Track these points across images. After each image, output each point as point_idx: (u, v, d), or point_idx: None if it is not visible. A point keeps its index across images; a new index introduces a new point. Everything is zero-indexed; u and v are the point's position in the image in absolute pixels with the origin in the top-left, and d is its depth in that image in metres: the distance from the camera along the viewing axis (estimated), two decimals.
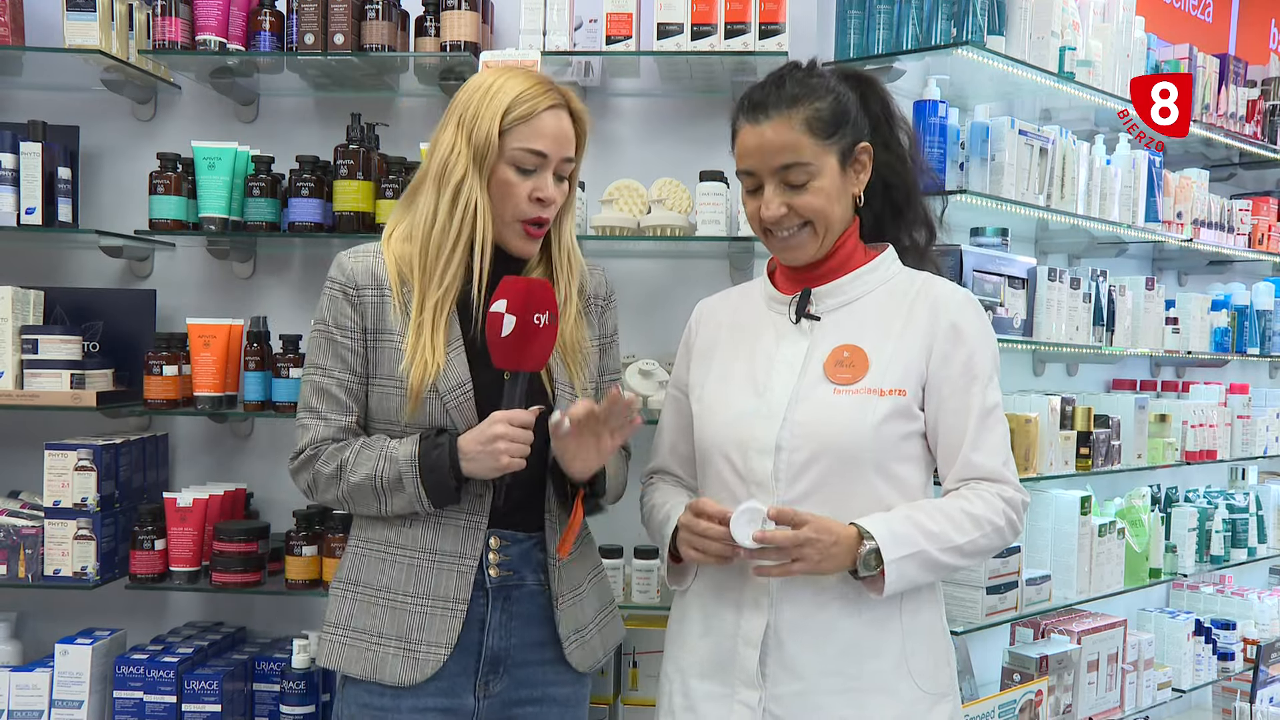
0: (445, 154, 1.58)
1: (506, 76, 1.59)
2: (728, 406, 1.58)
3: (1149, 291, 3.04)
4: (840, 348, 1.54)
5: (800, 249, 1.55)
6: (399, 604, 1.58)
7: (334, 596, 1.65)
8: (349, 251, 1.63)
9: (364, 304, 1.59)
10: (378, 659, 1.57)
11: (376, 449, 1.56)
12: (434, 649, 1.56)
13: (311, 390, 1.60)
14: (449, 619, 1.57)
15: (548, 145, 1.58)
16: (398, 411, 1.57)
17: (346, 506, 1.61)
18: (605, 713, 2.35)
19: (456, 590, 1.58)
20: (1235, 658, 3.29)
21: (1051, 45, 2.55)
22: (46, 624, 2.60)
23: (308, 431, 1.60)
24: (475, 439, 1.52)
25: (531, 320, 1.51)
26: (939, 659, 1.57)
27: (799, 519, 1.42)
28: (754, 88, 1.56)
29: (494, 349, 1.53)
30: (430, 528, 1.59)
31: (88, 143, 2.63)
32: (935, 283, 1.58)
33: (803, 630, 1.50)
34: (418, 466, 1.53)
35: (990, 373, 1.55)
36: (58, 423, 2.46)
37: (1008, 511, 1.52)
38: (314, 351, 1.61)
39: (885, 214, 1.65)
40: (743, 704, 1.53)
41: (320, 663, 1.64)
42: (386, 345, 1.58)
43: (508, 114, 1.55)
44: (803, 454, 1.50)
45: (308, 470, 1.60)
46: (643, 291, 2.61)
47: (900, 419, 1.51)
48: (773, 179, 1.52)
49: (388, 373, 1.58)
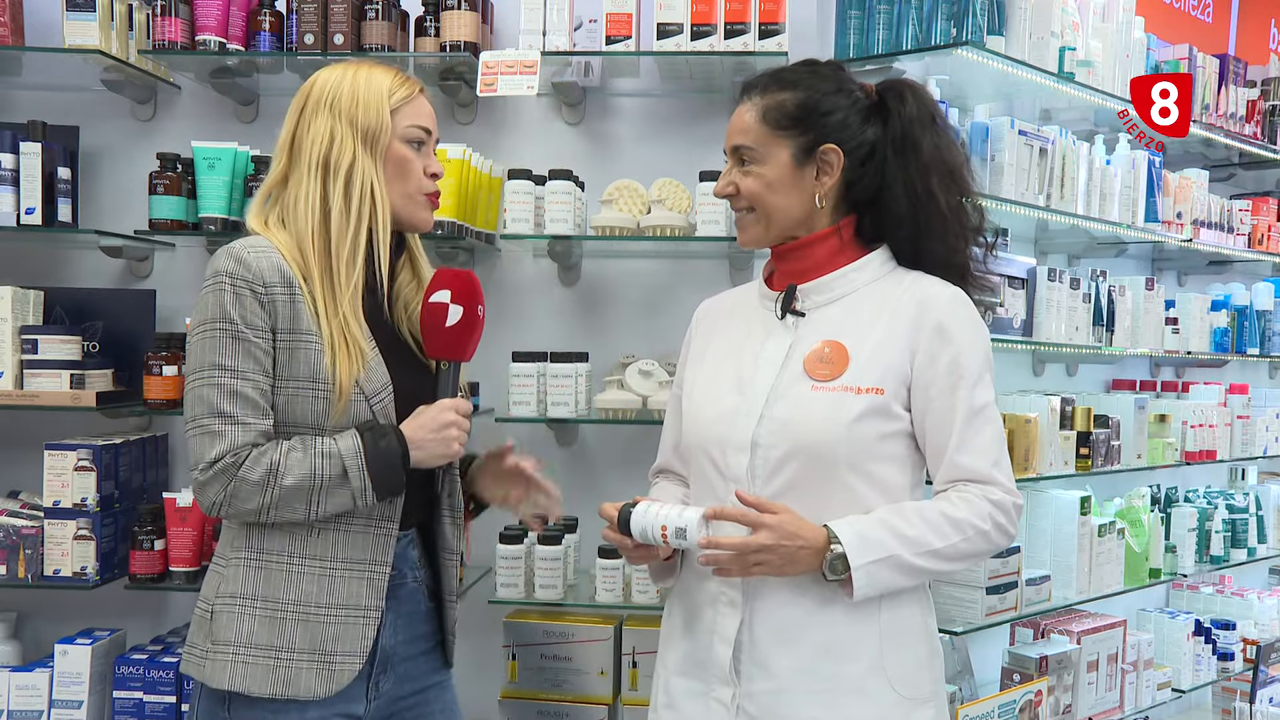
0: (324, 144, 1.54)
1: (366, 66, 1.60)
2: (712, 404, 1.58)
3: (1149, 292, 3.04)
4: (823, 344, 1.53)
5: (744, 230, 1.60)
6: (311, 616, 1.51)
7: (224, 613, 1.51)
8: (240, 245, 1.50)
9: (274, 303, 1.48)
10: (289, 674, 1.49)
11: (306, 448, 1.47)
12: (349, 659, 1.52)
13: (220, 393, 1.45)
14: (363, 627, 1.53)
15: (431, 123, 1.63)
16: (320, 414, 1.50)
17: (264, 515, 1.48)
18: (605, 713, 2.35)
19: (369, 598, 1.53)
20: (1235, 658, 3.29)
21: (1051, 45, 2.55)
22: (46, 624, 2.60)
23: (222, 438, 1.45)
24: (425, 427, 1.52)
25: (476, 310, 1.56)
26: (920, 663, 1.54)
27: (749, 519, 1.41)
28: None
29: (434, 338, 1.55)
30: (340, 535, 1.53)
31: (88, 143, 2.63)
32: (925, 281, 1.56)
33: (777, 628, 1.49)
34: (363, 458, 1.47)
35: (979, 372, 1.52)
36: (58, 423, 2.46)
37: (994, 514, 1.49)
38: (216, 352, 1.46)
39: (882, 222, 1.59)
40: (718, 701, 1.52)
41: (215, 684, 1.49)
42: (302, 346, 1.49)
43: (392, 95, 1.57)
44: (778, 451, 1.49)
45: (224, 479, 1.45)
46: (643, 291, 2.61)
47: (877, 418, 1.49)
48: (732, 157, 1.59)
49: (305, 374, 1.49)
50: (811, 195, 1.55)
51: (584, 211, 2.47)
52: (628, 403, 2.37)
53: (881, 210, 1.57)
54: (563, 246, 2.48)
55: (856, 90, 1.57)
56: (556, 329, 2.61)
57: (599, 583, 2.34)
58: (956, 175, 1.57)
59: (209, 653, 1.51)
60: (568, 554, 2.40)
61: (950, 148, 1.58)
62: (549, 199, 2.37)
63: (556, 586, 2.33)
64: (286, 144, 1.59)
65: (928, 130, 1.55)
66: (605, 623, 2.40)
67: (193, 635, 1.55)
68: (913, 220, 1.55)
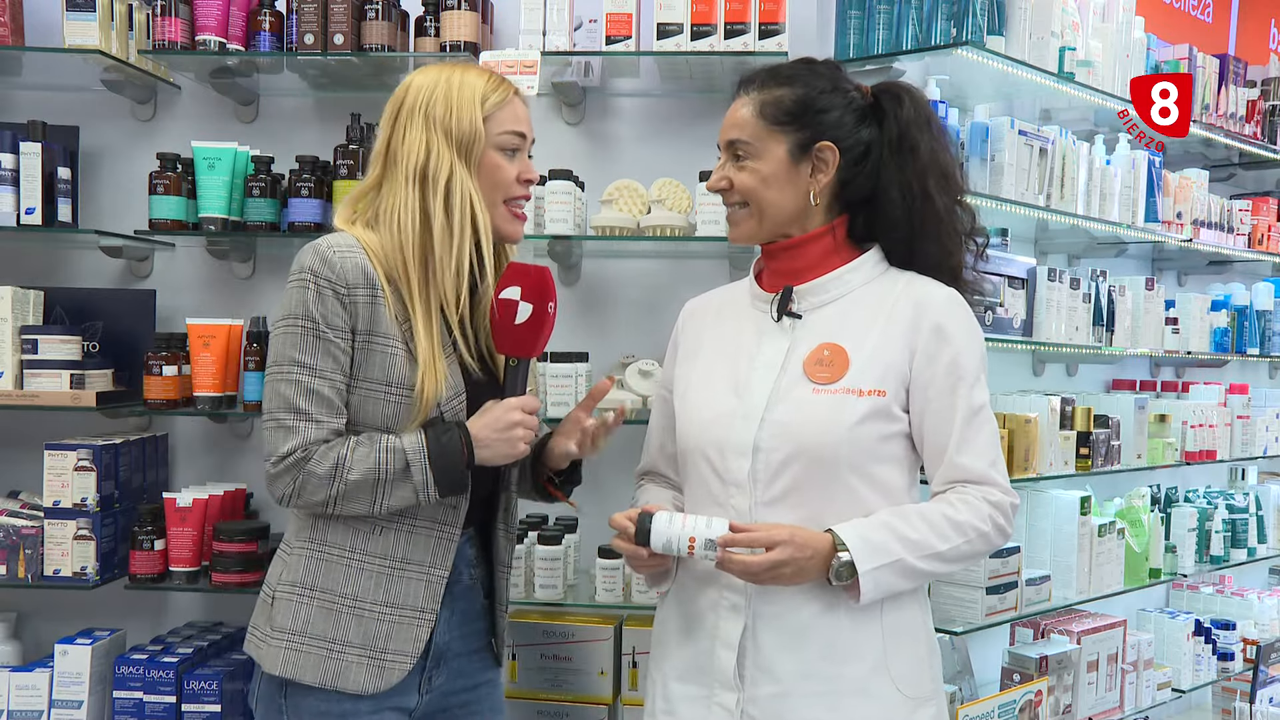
0: (420, 155, 1.54)
1: (460, 70, 1.59)
2: (708, 406, 1.58)
3: (1149, 291, 3.04)
4: (821, 346, 1.53)
5: (736, 226, 1.60)
6: (365, 612, 1.53)
7: (283, 600, 1.55)
8: (326, 244, 1.52)
9: (356, 303, 1.50)
10: (340, 667, 1.52)
11: (371, 444, 1.50)
12: (401, 658, 1.54)
13: (296, 390, 1.49)
14: (416, 628, 1.55)
15: (525, 127, 1.61)
16: (390, 417, 1.52)
17: (331, 507, 1.51)
18: (605, 713, 2.35)
19: (425, 600, 1.56)
20: (1235, 658, 3.29)
21: (1051, 45, 2.55)
22: (46, 624, 2.60)
23: (294, 434, 1.48)
24: (490, 426, 1.52)
25: (546, 308, 1.54)
26: (921, 662, 1.55)
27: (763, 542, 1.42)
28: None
29: (504, 335, 1.55)
30: (402, 535, 1.55)
31: (88, 143, 2.63)
32: (919, 282, 1.57)
33: (780, 632, 1.50)
34: (425, 454, 1.49)
35: (976, 373, 1.53)
36: (58, 423, 2.46)
37: (994, 516, 1.50)
38: (295, 348, 1.50)
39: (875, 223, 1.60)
40: (720, 706, 1.52)
41: (268, 669, 1.54)
42: (379, 349, 1.51)
43: (485, 101, 1.56)
44: (780, 454, 1.49)
45: (295, 473, 1.49)
46: (643, 291, 2.61)
47: (879, 420, 1.49)
48: (726, 152, 1.58)
49: (379, 377, 1.51)
50: (806, 192, 1.55)
51: (584, 211, 2.47)
52: (627, 403, 2.37)
53: (876, 211, 1.58)
54: (563, 246, 2.48)
55: (852, 90, 1.58)
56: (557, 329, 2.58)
57: (599, 583, 2.34)
58: (952, 178, 1.58)
59: (268, 636, 1.55)
60: (568, 554, 2.40)
61: (946, 150, 1.59)
62: (549, 199, 2.37)
63: (556, 586, 2.33)
64: (382, 152, 1.59)
65: (925, 133, 1.56)
66: (605, 623, 2.40)
67: (255, 617, 1.60)
68: (908, 222, 1.56)
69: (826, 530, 1.45)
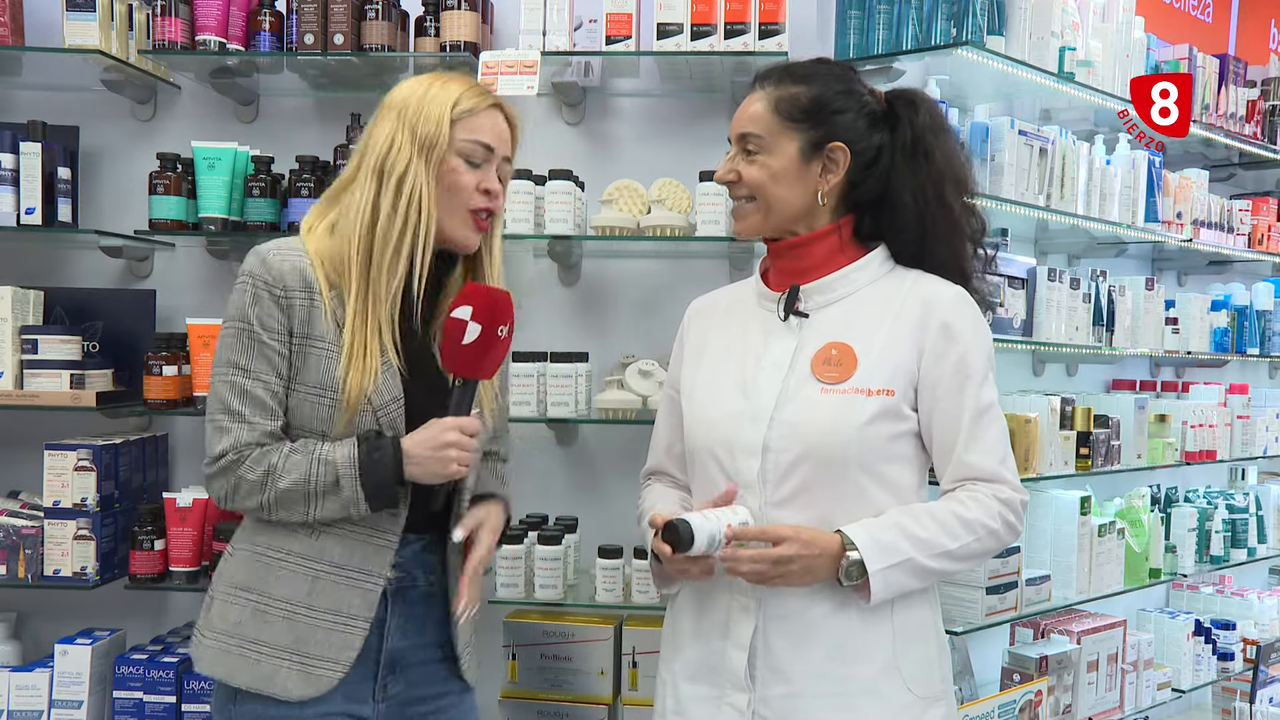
0: (384, 147, 1.54)
1: (446, 78, 1.60)
2: (716, 406, 1.57)
3: (1149, 291, 3.04)
4: (829, 345, 1.53)
5: (742, 219, 1.59)
6: (296, 616, 1.51)
7: (219, 600, 1.55)
8: (269, 247, 1.53)
9: (292, 306, 1.50)
10: (268, 671, 1.50)
11: (306, 452, 1.49)
12: (329, 664, 1.51)
13: (231, 391, 1.49)
14: (347, 635, 1.52)
15: (494, 140, 1.60)
16: (325, 421, 1.51)
17: (265, 513, 1.51)
18: (605, 713, 2.35)
19: (359, 607, 1.53)
20: (1235, 658, 3.29)
21: (1051, 45, 2.55)
22: (46, 624, 2.60)
23: (227, 435, 1.49)
24: (424, 444, 1.50)
25: (495, 331, 1.51)
26: (931, 662, 1.56)
27: (771, 535, 1.42)
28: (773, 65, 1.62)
29: (450, 355, 1.52)
30: (337, 540, 1.53)
31: (88, 143, 2.63)
32: (926, 280, 1.57)
33: (791, 633, 1.49)
34: (357, 469, 1.47)
35: (985, 371, 1.53)
36: (58, 423, 2.46)
37: (1004, 513, 1.50)
38: (232, 349, 1.51)
39: (880, 227, 1.60)
40: (731, 707, 1.52)
41: (200, 669, 1.55)
42: (314, 351, 1.51)
43: (455, 106, 1.56)
44: (789, 455, 1.49)
45: (228, 476, 1.49)
46: (643, 291, 2.61)
47: (889, 419, 1.49)
48: (736, 145, 1.58)
49: (315, 380, 1.51)
50: (814, 191, 1.55)
51: (584, 211, 2.47)
52: (628, 403, 2.37)
53: (885, 213, 1.58)
54: (563, 246, 2.48)
55: (866, 94, 1.58)
56: (556, 329, 2.61)
57: (599, 583, 2.34)
58: (964, 183, 1.60)
59: (203, 636, 1.55)
60: (568, 554, 2.40)
61: (958, 155, 1.60)
62: (549, 199, 2.37)
63: (556, 586, 2.33)
64: (360, 149, 1.59)
65: (939, 139, 1.57)
66: (605, 623, 2.40)
67: (200, 617, 1.59)
68: (919, 225, 1.57)
69: (835, 531, 1.45)
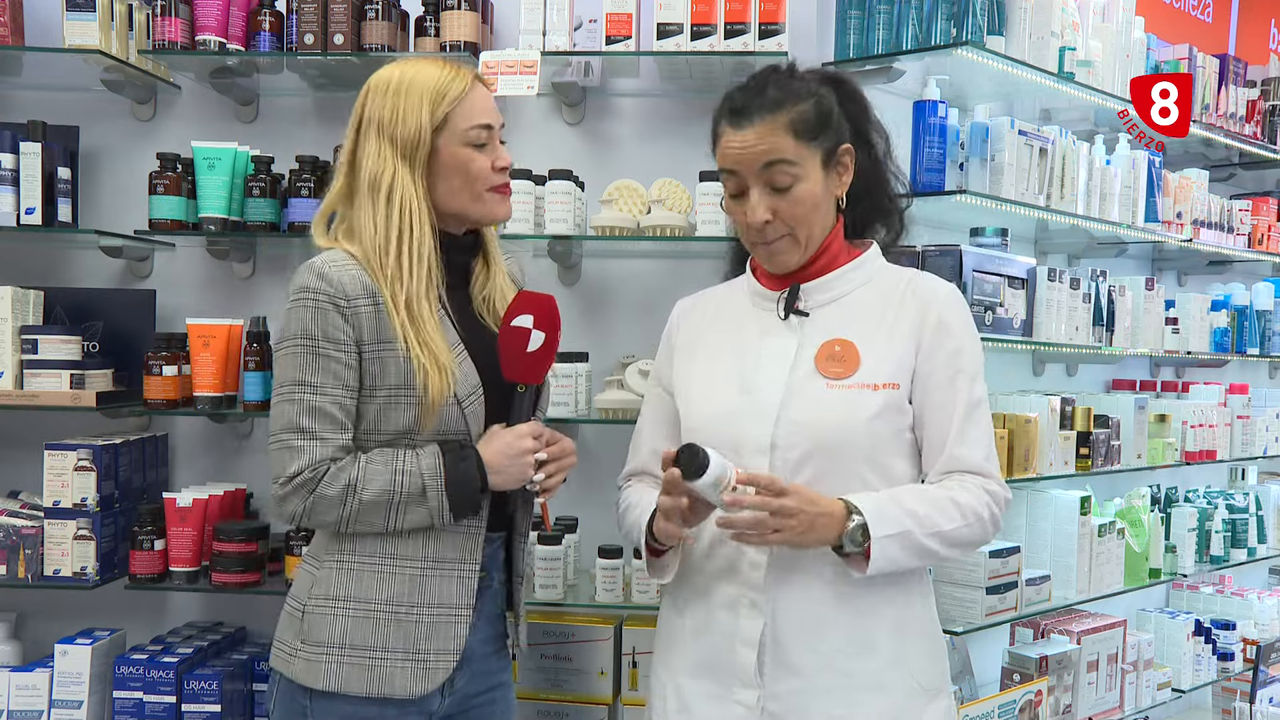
0: (372, 164, 1.54)
1: (414, 67, 1.58)
2: (715, 404, 1.57)
3: (1149, 291, 3.04)
4: (831, 342, 1.54)
5: (784, 255, 1.55)
6: (404, 616, 1.54)
7: (316, 614, 1.54)
8: (321, 261, 1.53)
9: (359, 315, 1.51)
10: (384, 674, 1.53)
11: (385, 464, 1.51)
12: (443, 657, 1.56)
13: (300, 410, 1.49)
14: (455, 625, 1.57)
15: (489, 115, 1.60)
16: (411, 421, 1.53)
17: (344, 526, 1.52)
18: (605, 713, 2.35)
19: (461, 596, 1.57)
20: (1235, 658, 3.29)
21: (1051, 45, 2.55)
22: (46, 624, 2.60)
23: (301, 454, 1.48)
24: (503, 453, 1.54)
25: (556, 336, 1.56)
26: (933, 655, 1.58)
27: (778, 486, 1.40)
28: (735, 91, 1.55)
29: (513, 363, 1.55)
30: (430, 536, 1.56)
31: (87, 143, 2.63)
32: (921, 278, 1.60)
33: (800, 629, 1.50)
34: (443, 480, 1.51)
35: (976, 367, 1.55)
36: (58, 423, 2.46)
37: (991, 505, 1.52)
38: (296, 368, 1.50)
39: (868, 216, 1.66)
40: (739, 704, 1.52)
41: (310, 684, 1.53)
42: (391, 355, 1.52)
43: (441, 100, 1.55)
44: (797, 452, 1.49)
45: (303, 493, 1.49)
46: (643, 291, 2.61)
47: (893, 413, 1.51)
48: (757, 182, 1.50)
49: (396, 383, 1.52)
50: (834, 200, 1.58)
51: (584, 211, 2.47)
52: (628, 403, 2.37)
53: (866, 202, 1.63)
54: (563, 246, 2.48)
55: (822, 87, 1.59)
56: None
57: (599, 583, 2.34)
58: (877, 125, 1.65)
59: (298, 651, 1.55)
60: (568, 554, 2.40)
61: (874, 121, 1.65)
62: (549, 199, 2.37)
63: (556, 586, 2.33)
64: (346, 162, 1.59)
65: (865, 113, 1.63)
66: (605, 623, 2.40)
67: (281, 631, 1.59)
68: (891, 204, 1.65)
69: (838, 499, 1.45)
